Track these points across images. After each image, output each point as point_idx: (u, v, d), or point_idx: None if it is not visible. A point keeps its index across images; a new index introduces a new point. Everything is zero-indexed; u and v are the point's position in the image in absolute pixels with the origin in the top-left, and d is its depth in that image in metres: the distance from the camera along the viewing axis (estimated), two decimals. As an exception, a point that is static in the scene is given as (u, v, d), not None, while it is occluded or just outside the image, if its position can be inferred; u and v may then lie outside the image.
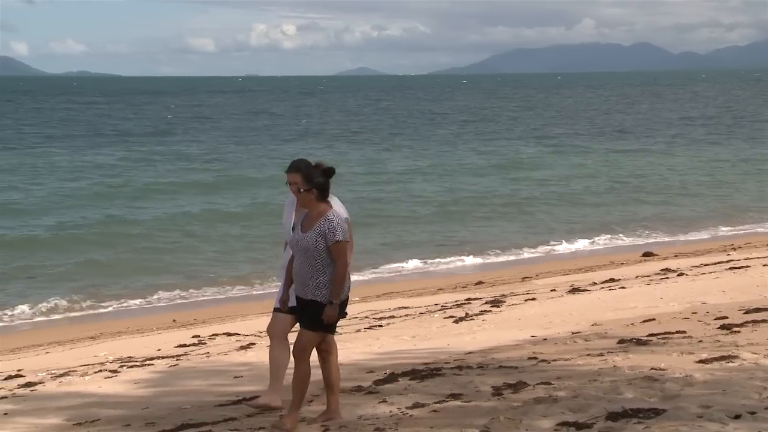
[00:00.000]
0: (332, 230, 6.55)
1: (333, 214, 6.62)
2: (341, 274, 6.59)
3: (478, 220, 27.67)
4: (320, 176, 6.60)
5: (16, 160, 42.38)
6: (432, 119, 75.80)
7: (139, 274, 20.08)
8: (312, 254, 6.56)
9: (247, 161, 42.82)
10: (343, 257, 6.58)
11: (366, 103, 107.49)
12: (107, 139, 55.39)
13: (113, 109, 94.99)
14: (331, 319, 6.64)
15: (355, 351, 10.22)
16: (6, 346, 14.38)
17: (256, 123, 70.73)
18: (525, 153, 46.55)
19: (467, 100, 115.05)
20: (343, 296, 6.72)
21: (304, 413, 6.93)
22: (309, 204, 6.66)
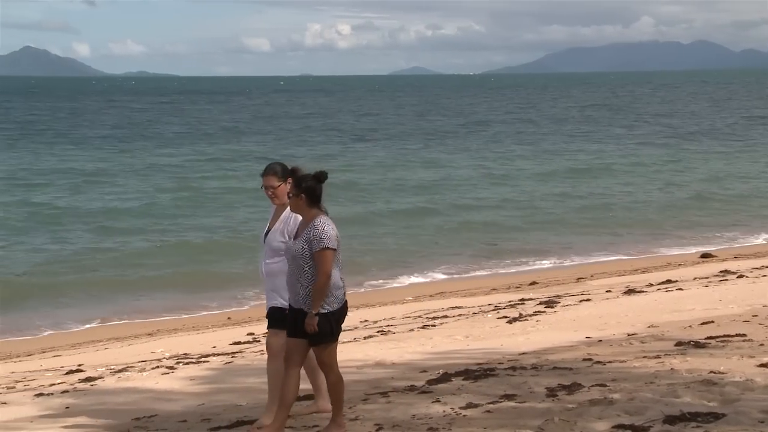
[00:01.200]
0: (317, 237, 6.28)
1: (321, 221, 6.36)
2: (321, 284, 6.27)
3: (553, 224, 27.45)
4: (311, 181, 6.36)
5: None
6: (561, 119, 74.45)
7: (195, 272, 20.31)
8: (299, 262, 6.32)
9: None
10: (326, 266, 6.27)
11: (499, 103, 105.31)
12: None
13: (235, 107, 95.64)
14: (309, 329, 6.31)
15: (408, 350, 10.22)
16: (67, 342, 14.69)
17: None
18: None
19: (576, 98, 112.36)
20: (333, 307, 6.37)
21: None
22: (300, 209, 6.43)
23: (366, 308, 16.03)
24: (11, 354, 13.78)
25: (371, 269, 20.65)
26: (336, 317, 6.43)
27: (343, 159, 43.76)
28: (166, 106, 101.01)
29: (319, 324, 6.32)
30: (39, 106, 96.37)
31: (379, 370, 9.07)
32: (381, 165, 41.44)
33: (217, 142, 53.72)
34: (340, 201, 28.97)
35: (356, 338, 11.76)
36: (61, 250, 22.48)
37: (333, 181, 6.99)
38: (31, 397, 8.88)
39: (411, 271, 20.82)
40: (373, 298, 17.90)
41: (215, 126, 67.94)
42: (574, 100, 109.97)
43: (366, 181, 35.81)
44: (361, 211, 28.86)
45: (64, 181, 35.43)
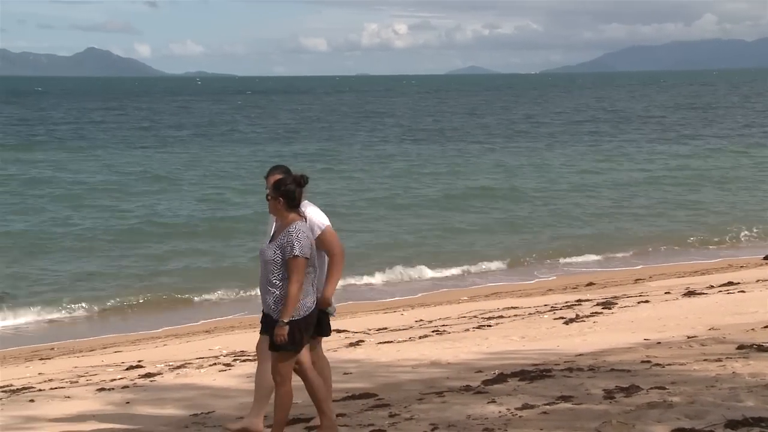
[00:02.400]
0: (290, 243, 6.11)
1: (296, 227, 6.18)
2: (293, 292, 6.09)
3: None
4: (291, 184, 6.23)
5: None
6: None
7: (250, 271, 20.50)
8: (270, 267, 6.18)
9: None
10: (297, 274, 6.09)
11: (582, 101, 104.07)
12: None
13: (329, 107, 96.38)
14: (279, 339, 6.13)
15: (464, 350, 10.20)
16: (127, 339, 14.95)
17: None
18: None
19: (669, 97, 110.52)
20: (299, 314, 6.18)
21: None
22: (278, 213, 6.29)
23: (421, 308, 16.02)
24: (74, 349, 14.07)
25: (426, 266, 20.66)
26: (302, 326, 6.23)
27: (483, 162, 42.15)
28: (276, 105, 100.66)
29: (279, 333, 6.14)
30: (161, 108, 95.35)
31: (435, 370, 9.07)
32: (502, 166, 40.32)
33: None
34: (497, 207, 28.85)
35: (411, 338, 11.77)
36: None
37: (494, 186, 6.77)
38: (93, 392, 9.06)
39: (466, 270, 20.81)
40: (428, 297, 17.90)
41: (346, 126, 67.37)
42: (656, 99, 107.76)
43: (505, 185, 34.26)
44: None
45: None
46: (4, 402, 8.82)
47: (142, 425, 7.46)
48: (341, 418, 7.15)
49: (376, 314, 15.68)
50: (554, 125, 65.96)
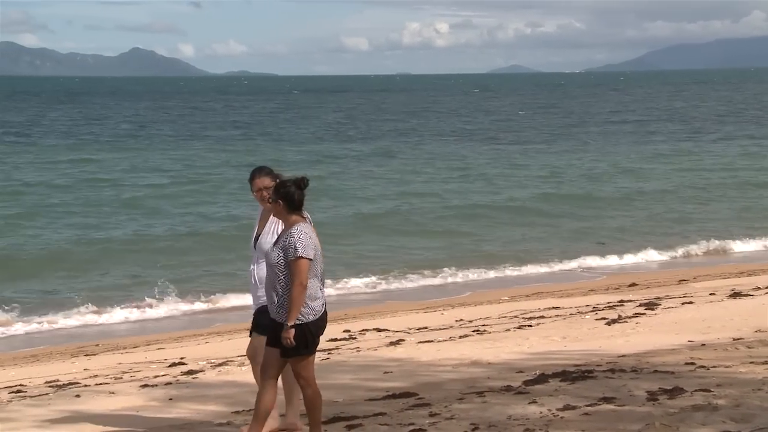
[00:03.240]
0: (292, 245, 6.09)
1: (298, 228, 6.17)
2: (296, 294, 6.08)
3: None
4: (290, 186, 6.20)
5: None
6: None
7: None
8: (275, 270, 6.17)
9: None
10: (300, 276, 6.08)
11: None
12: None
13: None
14: (286, 342, 6.12)
15: (504, 350, 10.16)
16: (170, 335, 15.11)
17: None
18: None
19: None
20: (308, 318, 6.18)
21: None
22: (280, 216, 6.28)
23: (462, 307, 15.98)
24: (118, 346, 14.25)
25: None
26: (312, 329, 6.22)
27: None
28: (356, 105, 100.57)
29: (294, 336, 6.13)
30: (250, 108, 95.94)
31: (475, 370, 9.04)
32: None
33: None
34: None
35: (452, 337, 11.74)
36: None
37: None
38: (137, 388, 9.17)
39: (511, 270, 20.73)
40: (469, 297, 17.85)
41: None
42: (734, 97, 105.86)
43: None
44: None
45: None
46: (51, 397, 8.97)
47: (184, 421, 7.54)
48: (381, 416, 7.16)
49: (416, 313, 15.67)
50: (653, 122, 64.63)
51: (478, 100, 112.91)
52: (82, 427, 7.53)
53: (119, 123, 69.33)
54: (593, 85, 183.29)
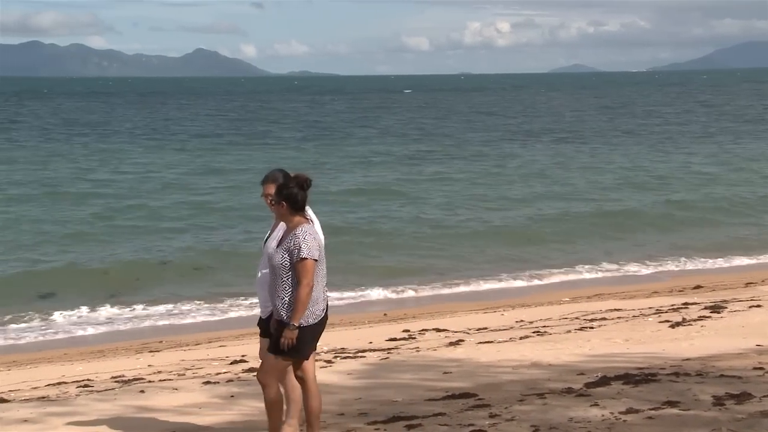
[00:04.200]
0: (297, 246, 6.07)
1: (303, 229, 6.13)
2: (303, 295, 6.05)
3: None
4: (294, 187, 6.15)
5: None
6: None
7: (355, 270, 20.69)
8: (278, 271, 6.13)
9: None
10: (307, 277, 6.06)
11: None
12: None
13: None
14: (287, 342, 6.10)
15: (565, 352, 10.06)
16: (231, 333, 15.29)
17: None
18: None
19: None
20: (308, 321, 6.16)
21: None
22: (284, 217, 6.23)
23: (522, 308, 15.87)
24: (180, 343, 14.48)
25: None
26: (311, 333, 6.19)
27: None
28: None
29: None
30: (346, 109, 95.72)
31: (535, 371, 8.97)
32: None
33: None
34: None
35: (512, 338, 11.67)
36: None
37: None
38: (200, 385, 9.30)
39: (566, 271, 20.53)
40: (529, 298, 17.72)
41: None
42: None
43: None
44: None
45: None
46: (117, 392, 9.15)
47: (246, 418, 7.63)
48: (441, 417, 7.14)
49: (476, 314, 15.60)
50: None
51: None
52: (147, 422, 7.67)
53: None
54: (680, 83, 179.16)
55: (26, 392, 9.67)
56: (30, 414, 8.04)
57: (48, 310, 16.93)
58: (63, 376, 10.80)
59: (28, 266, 20.71)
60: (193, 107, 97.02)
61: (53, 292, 18.39)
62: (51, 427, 7.57)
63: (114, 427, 7.46)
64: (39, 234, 24.43)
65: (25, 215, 27.15)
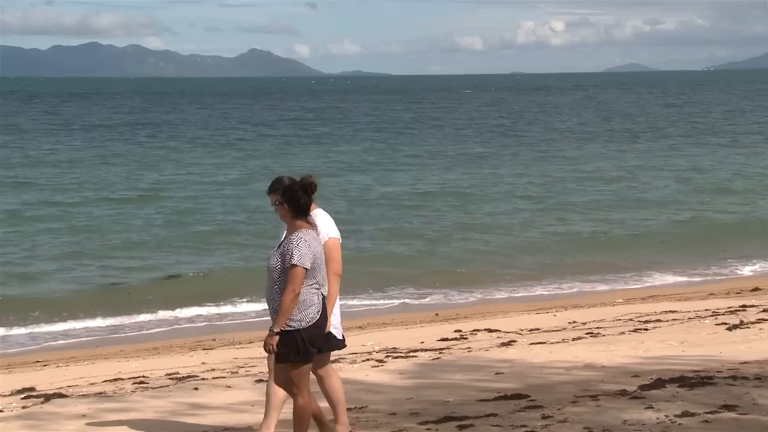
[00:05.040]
0: (289, 252, 6.02)
1: (299, 235, 6.06)
2: (286, 301, 5.98)
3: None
4: (298, 190, 6.11)
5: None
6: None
7: (412, 269, 20.69)
8: (271, 274, 6.12)
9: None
10: (293, 283, 5.98)
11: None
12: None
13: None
14: (266, 347, 6.07)
15: (619, 354, 9.94)
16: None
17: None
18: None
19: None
20: (301, 325, 6.08)
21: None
22: (285, 219, 6.20)
23: (575, 309, 15.73)
24: (234, 341, 14.63)
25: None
26: (305, 336, 6.10)
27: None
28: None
29: (281, 342, 6.04)
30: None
31: (588, 373, 8.88)
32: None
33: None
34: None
35: (564, 339, 11.57)
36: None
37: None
38: (252, 383, 9.38)
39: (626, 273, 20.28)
40: (582, 299, 17.55)
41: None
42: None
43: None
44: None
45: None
46: (171, 389, 9.28)
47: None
48: (493, 417, 7.11)
49: (528, 314, 15.50)
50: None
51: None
52: (201, 419, 7.77)
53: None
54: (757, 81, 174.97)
55: (84, 388, 9.85)
56: (87, 409, 8.20)
57: (111, 311, 17.08)
58: (119, 373, 10.98)
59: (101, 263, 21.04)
60: (278, 108, 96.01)
61: (121, 292, 18.58)
62: (107, 423, 7.70)
63: (168, 424, 7.57)
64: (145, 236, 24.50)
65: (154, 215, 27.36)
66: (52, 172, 38.40)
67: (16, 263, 20.99)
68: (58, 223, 26.15)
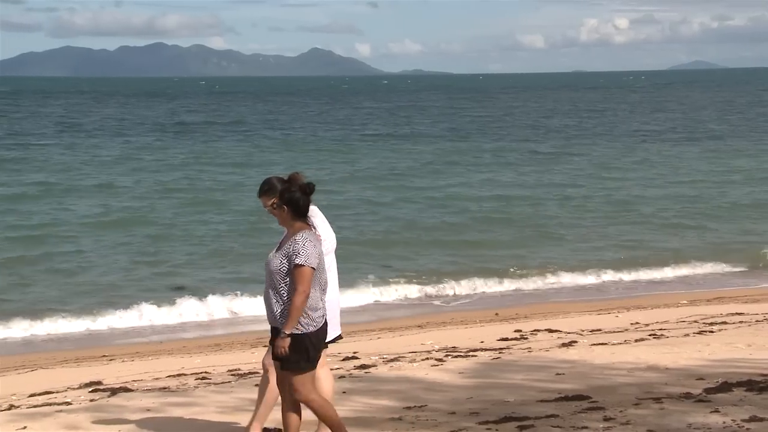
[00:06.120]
0: (295, 252, 5.94)
1: (303, 236, 6.01)
2: (298, 303, 5.91)
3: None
4: (297, 192, 6.02)
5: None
6: None
7: (469, 268, 20.63)
8: (275, 276, 6.03)
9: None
10: (303, 284, 5.92)
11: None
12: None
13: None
14: (279, 350, 5.97)
15: (683, 356, 9.77)
16: (344, 330, 15.46)
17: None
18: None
19: None
20: (308, 329, 6.02)
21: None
22: (285, 222, 6.10)
23: (637, 310, 15.51)
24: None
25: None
26: (314, 341, 6.05)
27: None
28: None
29: (291, 347, 5.96)
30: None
31: (652, 375, 8.75)
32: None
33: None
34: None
35: (627, 340, 11.42)
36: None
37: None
38: (312, 380, 9.44)
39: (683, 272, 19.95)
40: (644, 300, 17.29)
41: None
42: None
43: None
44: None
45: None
46: (233, 385, 9.40)
47: (358, 414, 7.71)
48: (554, 418, 7.04)
49: (589, 315, 15.33)
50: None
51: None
52: (262, 414, 7.83)
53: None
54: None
55: (148, 382, 10.03)
56: (152, 403, 8.35)
57: (174, 308, 17.30)
58: (182, 368, 11.16)
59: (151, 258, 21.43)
60: (368, 108, 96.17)
61: (183, 286, 18.88)
62: (171, 417, 7.83)
63: (230, 419, 7.67)
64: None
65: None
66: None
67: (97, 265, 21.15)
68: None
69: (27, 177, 36.29)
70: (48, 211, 27.93)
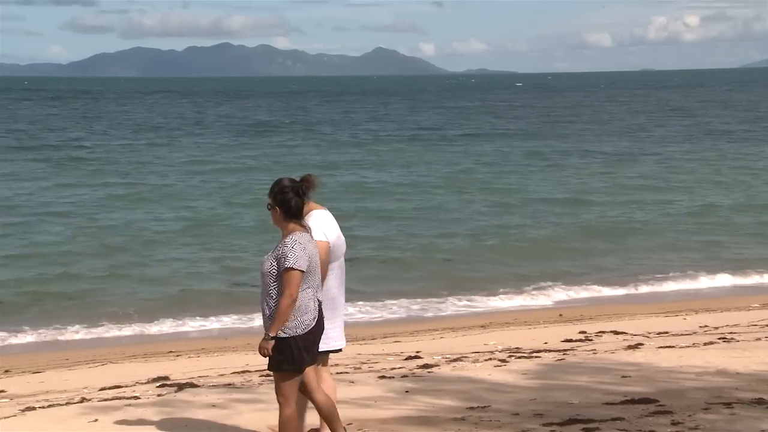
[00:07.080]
0: (284, 255, 5.88)
1: (293, 238, 5.92)
2: (283, 306, 5.82)
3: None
4: (289, 193, 5.96)
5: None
6: None
7: (531, 266, 20.43)
8: (265, 279, 5.97)
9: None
10: (290, 287, 5.83)
11: None
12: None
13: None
14: (261, 352, 5.93)
15: (755, 360, 9.53)
16: (406, 329, 15.49)
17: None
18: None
19: None
20: (296, 332, 5.94)
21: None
22: (278, 223, 6.03)
23: (706, 313, 15.21)
24: (357, 337, 14.80)
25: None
26: (300, 344, 5.94)
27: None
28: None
29: (276, 349, 5.90)
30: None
31: (721, 379, 8.56)
32: None
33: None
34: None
35: (695, 343, 11.19)
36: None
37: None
38: (375, 379, 9.47)
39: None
40: (714, 302, 16.93)
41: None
42: None
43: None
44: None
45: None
46: (297, 382, 9.46)
47: (421, 413, 7.70)
48: (619, 422, 6.93)
49: (656, 317, 15.06)
50: None
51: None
52: (325, 412, 7.87)
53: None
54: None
55: (214, 378, 10.17)
56: (217, 399, 8.47)
57: (240, 307, 17.40)
58: (247, 365, 11.28)
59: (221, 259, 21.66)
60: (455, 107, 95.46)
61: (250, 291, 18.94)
62: (236, 413, 7.93)
63: (294, 416, 7.71)
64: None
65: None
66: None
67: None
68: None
69: (145, 179, 35.67)
70: (140, 217, 27.18)
